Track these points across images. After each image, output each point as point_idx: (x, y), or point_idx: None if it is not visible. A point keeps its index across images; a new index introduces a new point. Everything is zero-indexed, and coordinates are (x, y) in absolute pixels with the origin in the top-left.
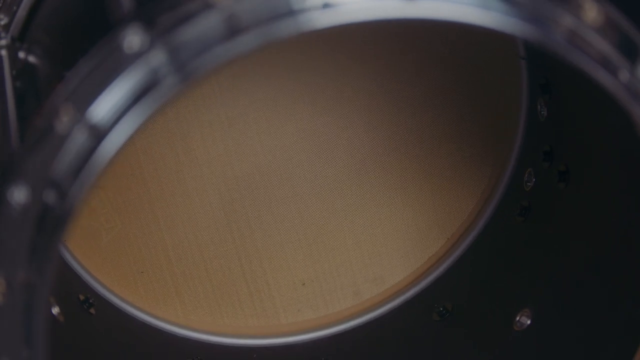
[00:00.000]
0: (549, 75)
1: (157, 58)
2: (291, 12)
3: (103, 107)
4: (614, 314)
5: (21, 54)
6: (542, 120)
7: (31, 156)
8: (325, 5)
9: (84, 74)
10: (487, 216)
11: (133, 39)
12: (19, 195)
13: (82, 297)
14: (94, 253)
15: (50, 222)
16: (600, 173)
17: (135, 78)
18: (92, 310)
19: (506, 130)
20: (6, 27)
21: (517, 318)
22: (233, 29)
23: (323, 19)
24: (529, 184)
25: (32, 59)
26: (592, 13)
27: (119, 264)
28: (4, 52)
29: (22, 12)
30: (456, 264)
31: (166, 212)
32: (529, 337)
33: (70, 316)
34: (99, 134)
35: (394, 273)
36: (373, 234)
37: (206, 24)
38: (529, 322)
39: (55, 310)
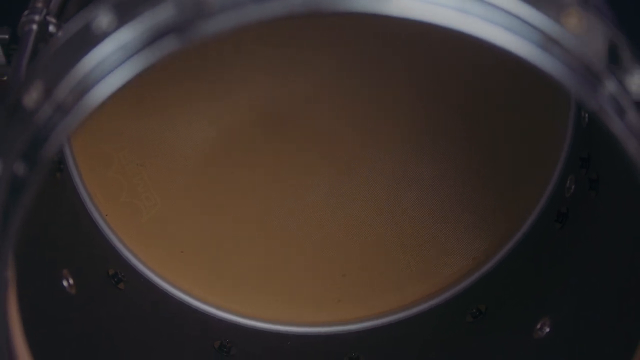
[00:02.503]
0: None
1: (124, 37)
2: None
3: (69, 84)
4: (635, 329)
5: (52, 28)
6: (584, 126)
7: (4, 129)
8: None
9: (55, 50)
10: (531, 221)
11: (102, 19)
12: None
13: (111, 272)
14: (134, 230)
15: (20, 191)
16: (628, 184)
17: (102, 57)
18: (120, 286)
19: (555, 134)
20: (47, 3)
21: (539, 325)
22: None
23: None
24: (569, 190)
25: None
26: (573, 19)
27: (159, 242)
28: (35, 27)
29: None
30: (496, 267)
31: (208, 194)
32: (547, 346)
33: (94, 290)
34: (63, 110)
35: (438, 272)
36: (419, 232)
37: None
38: (547, 330)
39: (68, 281)
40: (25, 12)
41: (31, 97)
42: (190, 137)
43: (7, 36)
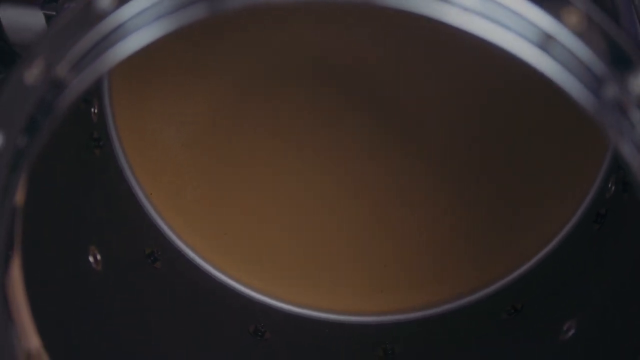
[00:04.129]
0: None
1: (124, 16)
2: None
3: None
4: None
5: None
6: None
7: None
8: None
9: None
10: (574, 222)
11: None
12: None
13: (148, 251)
14: (177, 210)
15: (22, 162)
16: None
17: (102, 36)
18: (157, 265)
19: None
20: None
21: (565, 327)
22: None
23: None
24: (610, 191)
25: None
26: (573, 17)
27: (202, 223)
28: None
29: None
30: (537, 266)
31: (255, 178)
32: (569, 348)
33: (127, 268)
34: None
35: (482, 267)
36: (465, 229)
37: None
38: (572, 332)
39: (94, 257)
40: None
41: (32, 73)
42: (236, 120)
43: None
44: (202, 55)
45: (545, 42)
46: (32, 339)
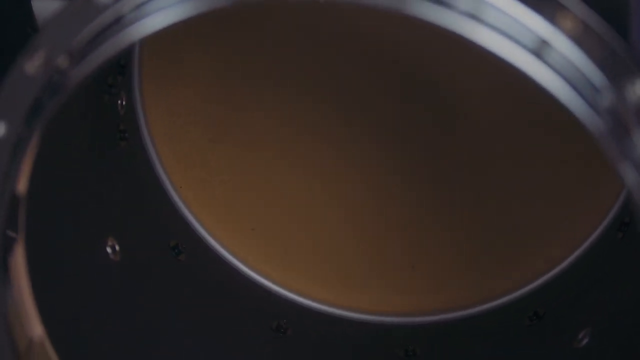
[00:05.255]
0: None
1: (124, 9)
2: None
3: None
4: None
5: None
6: None
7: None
8: None
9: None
10: (601, 229)
11: None
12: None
13: (172, 243)
14: (205, 204)
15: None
16: None
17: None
18: (181, 257)
19: None
20: None
21: (581, 335)
22: None
23: None
24: None
25: None
26: (569, 21)
27: (230, 217)
28: None
29: None
30: (562, 272)
31: (284, 174)
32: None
33: (149, 259)
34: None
35: (509, 272)
36: (493, 233)
37: None
38: (586, 340)
39: (112, 248)
40: None
41: (33, 64)
42: (265, 115)
43: None
44: (231, 52)
45: (541, 48)
46: (35, 327)
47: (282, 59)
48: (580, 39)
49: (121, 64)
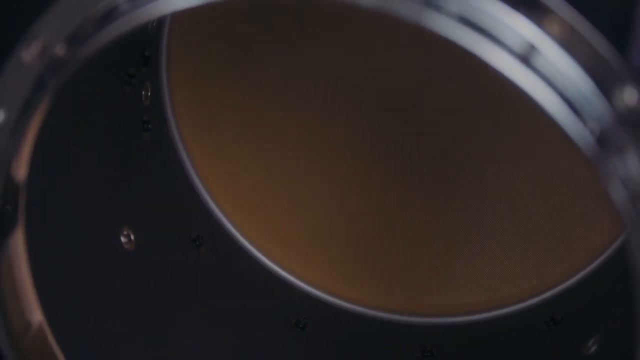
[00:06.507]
0: None
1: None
2: None
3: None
4: None
5: None
6: None
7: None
8: None
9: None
10: (623, 237)
11: None
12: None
13: (193, 235)
14: (230, 196)
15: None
16: None
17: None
18: (202, 250)
19: None
20: None
21: (591, 342)
22: None
23: None
24: None
25: None
26: (556, 25)
27: (256, 210)
28: None
29: None
30: (586, 278)
31: (315, 168)
32: None
33: (166, 249)
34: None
35: (534, 275)
36: (518, 237)
37: None
38: (594, 348)
39: (126, 236)
40: None
41: (30, 52)
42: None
43: None
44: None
45: (528, 53)
46: (34, 313)
47: (311, 54)
48: (568, 44)
49: (145, 55)
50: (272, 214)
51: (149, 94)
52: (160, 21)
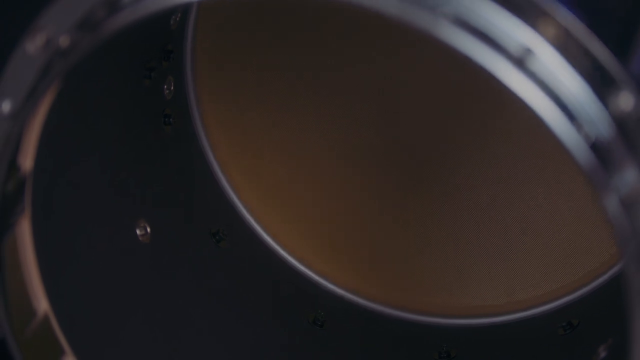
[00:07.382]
0: None
1: None
2: None
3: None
4: None
5: None
6: None
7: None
8: None
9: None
10: None
11: None
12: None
13: (214, 229)
14: (254, 192)
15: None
16: None
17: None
18: (221, 245)
19: None
20: None
21: (601, 348)
22: None
23: None
24: None
25: None
26: (551, 28)
27: (280, 206)
28: None
29: None
30: (605, 283)
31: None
32: None
33: (184, 243)
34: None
35: (553, 280)
36: (538, 240)
37: None
38: (603, 354)
39: (142, 229)
40: None
41: (35, 44)
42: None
43: None
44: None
45: (523, 56)
46: (40, 301)
47: (338, 48)
48: (563, 48)
49: (167, 49)
50: (296, 209)
51: (172, 87)
52: (185, 16)
